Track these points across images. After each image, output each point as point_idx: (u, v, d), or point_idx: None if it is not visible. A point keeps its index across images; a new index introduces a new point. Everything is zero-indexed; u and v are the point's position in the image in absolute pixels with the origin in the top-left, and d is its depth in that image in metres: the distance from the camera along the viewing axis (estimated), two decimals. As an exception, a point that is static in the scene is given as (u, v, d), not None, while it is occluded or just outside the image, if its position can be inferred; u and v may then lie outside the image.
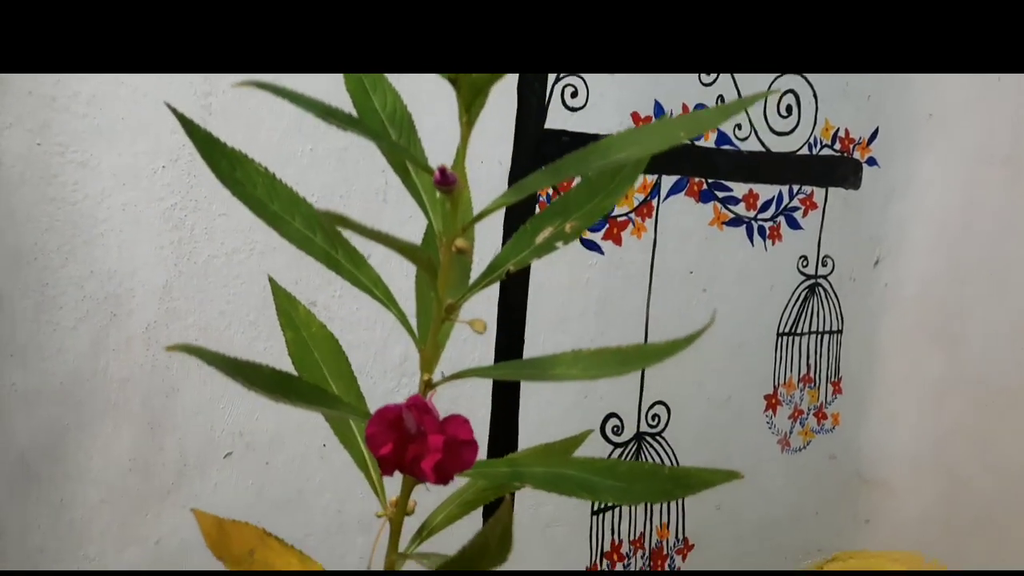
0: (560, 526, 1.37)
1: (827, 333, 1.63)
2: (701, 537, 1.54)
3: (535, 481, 0.56)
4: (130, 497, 1.04)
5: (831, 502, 1.71)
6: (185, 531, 1.08)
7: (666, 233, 1.39)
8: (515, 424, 1.30)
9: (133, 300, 1.01)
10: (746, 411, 1.56)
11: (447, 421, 0.51)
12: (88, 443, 1.00)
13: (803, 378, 1.62)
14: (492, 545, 0.44)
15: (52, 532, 1.00)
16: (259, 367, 0.48)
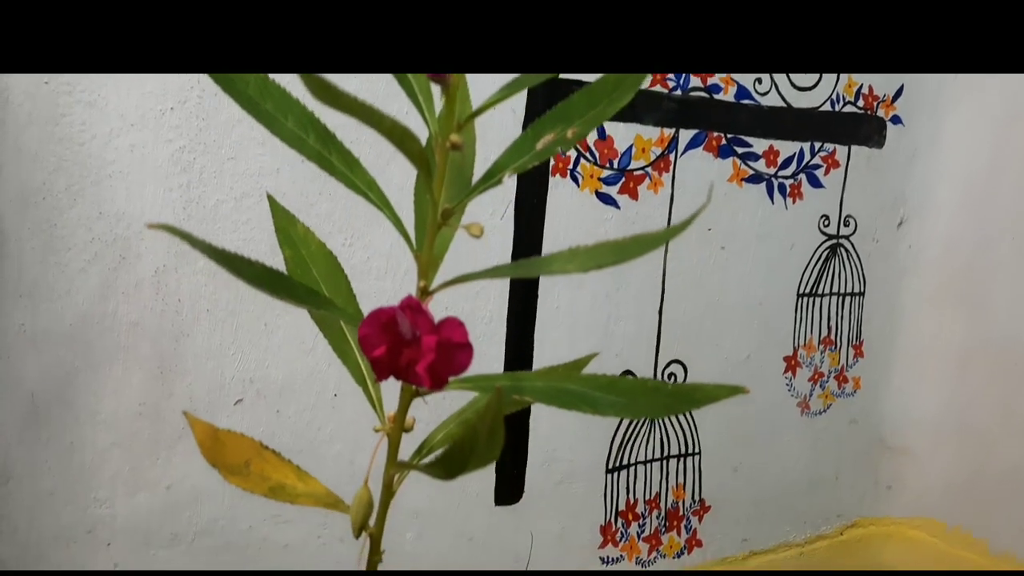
0: (574, 483, 1.36)
1: (849, 295, 1.60)
2: (718, 499, 1.52)
3: (535, 394, 0.55)
4: (140, 441, 1.04)
5: (852, 467, 1.69)
6: (196, 477, 1.07)
7: (683, 188, 1.37)
8: (529, 379, 1.29)
9: (142, 243, 1.00)
10: (765, 372, 1.53)
11: (442, 323, 0.50)
12: (98, 386, 1.00)
13: (824, 340, 1.59)
14: (482, 437, 0.43)
15: (62, 474, 1.00)
16: (250, 261, 0.47)
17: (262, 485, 0.57)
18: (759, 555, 1.59)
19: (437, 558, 1.26)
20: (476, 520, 1.28)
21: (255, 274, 0.46)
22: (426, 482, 1.26)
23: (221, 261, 0.46)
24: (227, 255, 0.46)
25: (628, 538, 1.44)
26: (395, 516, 1.23)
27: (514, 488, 1.32)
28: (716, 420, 1.48)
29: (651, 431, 1.42)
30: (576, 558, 1.39)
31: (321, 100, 0.42)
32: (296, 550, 1.15)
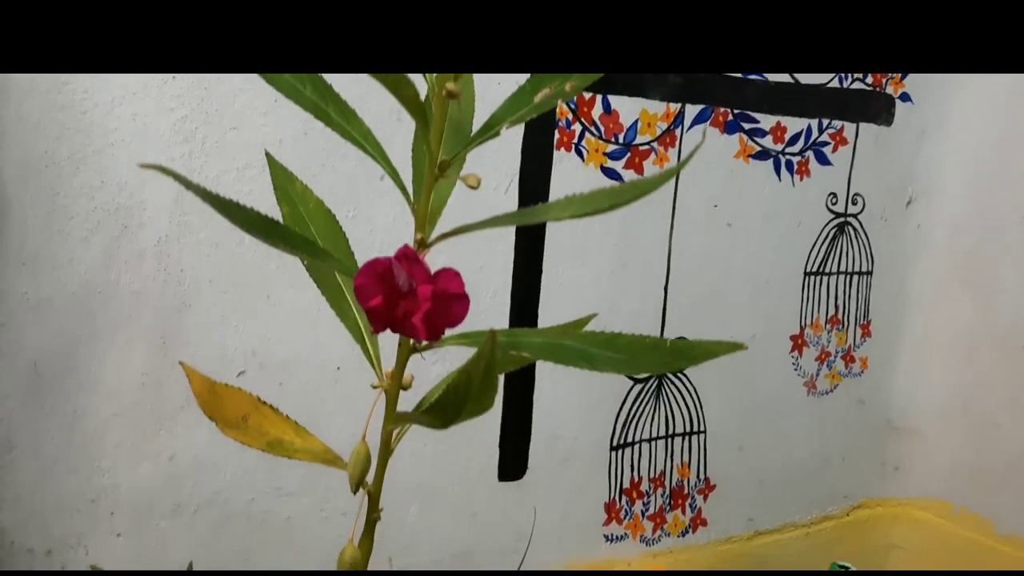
0: (578, 460, 1.36)
1: (856, 274, 1.59)
2: (723, 478, 1.52)
3: (532, 350, 0.54)
4: (143, 412, 1.04)
5: (858, 448, 1.68)
6: (198, 448, 1.07)
7: (690, 164, 1.36)
8: (533, 355, 1.29)
9: (144, 213, 1.00)
10: (771, 351, 1.53)
11: (438, 274, 0.49)
12: (101, 355, 1.00)
13: (831, 319, 1.58)
14: (476, 382, 0.43)
15: (66, 443, 1.00)
16: (246, 208, 0.47)
17: (260, 440, 0.57)
18: (764, 535, 1.59)
19: (439, 533, 1.26)
20: (479, 496, 1.28)
21: (250, 220, 0.46)
22: (429, 457, 1.27)
23: (216, 205, 0.45)
24: (222, 200, 0.46)
25: (632, 516, 1.43)
26: (398, 491, 1.23)
27: (518, 464, 1.31)
28: (722, 399, 1.48)
29: (656, 409, 1.42)
30: (580, 536, 1.38)
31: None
32: (298, 523, 1.15)
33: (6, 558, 0.99)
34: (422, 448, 1.23)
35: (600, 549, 1.41)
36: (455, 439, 1.25)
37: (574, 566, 1.39)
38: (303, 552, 1.16)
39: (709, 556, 1.52)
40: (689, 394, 1.45)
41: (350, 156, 1.10)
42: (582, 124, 1.26)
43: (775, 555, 1.58)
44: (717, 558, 1.53)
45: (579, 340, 0.55)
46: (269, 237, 0.46)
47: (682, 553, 1.49)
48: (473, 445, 1.26)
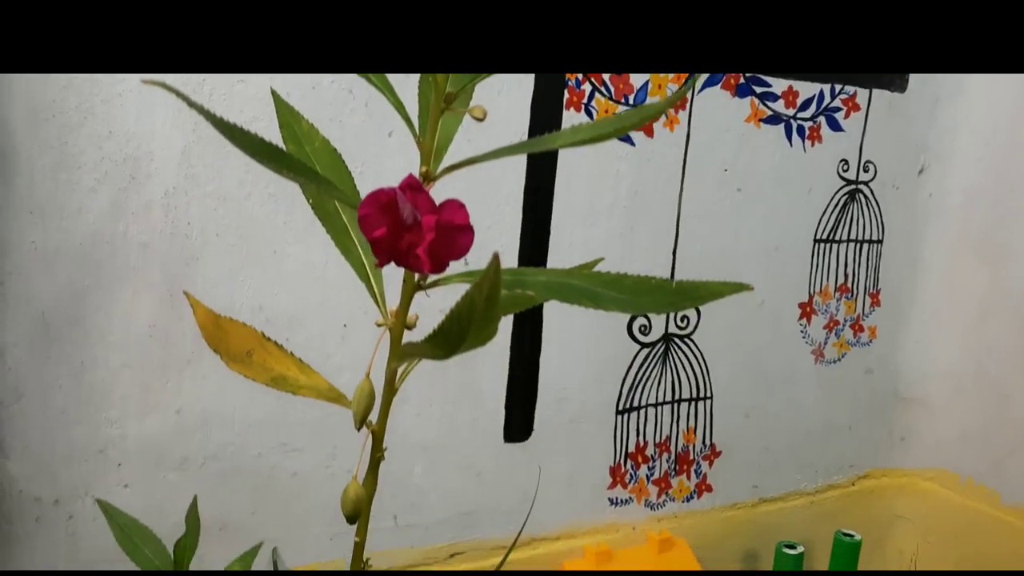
0: (584, 423, 1.36)
1: (867, 242, 1.58)
2: (729, 445, 1.52)
3: (538, 288, 0.54)
4: (151, 364, 1.04)
5: (866, 418, 1.67)
6: (206, 402, 1.08)
7: (700, 128, 1.35)
8: (539, 318, 1.29)
9: (152, 164, 1.00)
10: (779, 318, 1.52)
11: (442, 205, 0.49)
12: (108, 306, 1.00)
13: (840, 288, 1.57)
14: (479, 307, 0.42)
15: (74, 393, 1.01)
16: (250, 133, 0.46)
17: (264, 375, 0.57)
18: (769, 502, 1.59)
19: (445, 493, 1.26)
20: (485, 456, 1.28)
21: (254, 145, 0.46)
22: (435, 417, 1.27)
23: (220, 128, 0.45)
24: (226, 123, 0.45)
25: (637, 480, 1.43)
26: (404, 449, 1.23)
27: (524, 426, 1.31)
28: (729, 365, 1.48)
29: (662, 373, 1.41)
30: (585, 498, 1.39)
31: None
32: (304, 479, 1.16)
33: (14, 507, 1.00)
34: (428, 408, 1.23)
35: (605, 513, 1.41)
36: (462, 400, 1.25)
37: (579, 529, 1.39)
38: (309, 507, 1.16)
39: (714, 522, 1.52)
40: (696, 360, 1.44)
41: (358, 111, 1.09)
42: (592, 84, 1.25)
43: (780, 523, 1.58)
44: (722, 524, 1.53)
45: (584, 279, 0.54)
46: (274, 163, 0.46)
47: (686, 519, 1.50)
48: (479, 406, 1.26)
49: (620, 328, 1.36)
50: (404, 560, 1.25)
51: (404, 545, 1.25)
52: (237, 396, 1.10)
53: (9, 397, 0.97)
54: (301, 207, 1.09)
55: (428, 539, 1.26)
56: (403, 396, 1.21)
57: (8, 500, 0.99)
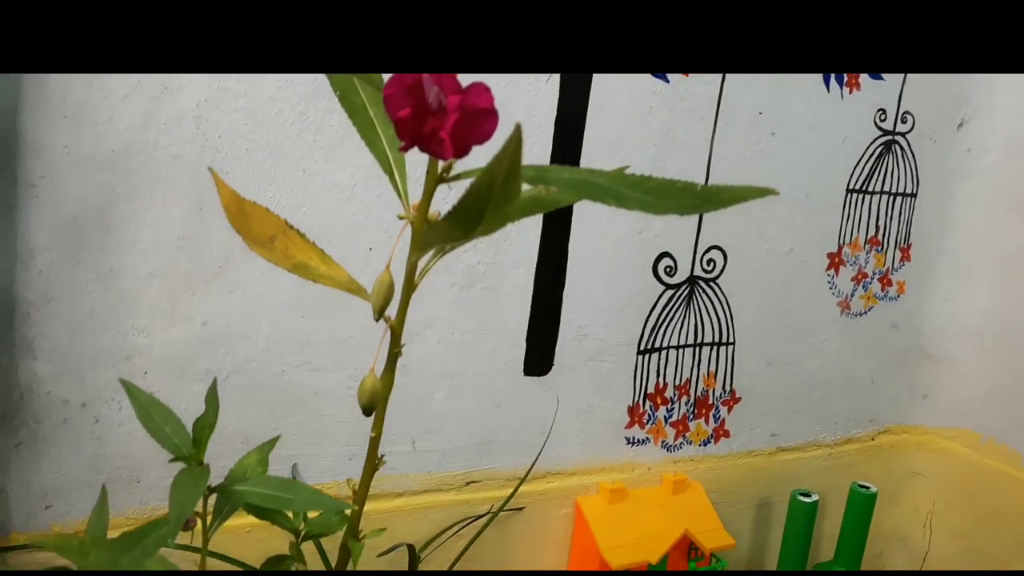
0: (605, 361, 1.36)
1: (900, 195, 1.56)
2: (749, 391, 1.51)
3: (561, 185, 0.54)
4: (178, 275, 1.05)
5: (888, 372, 1.66)
6: (231, 316, 1.09)
7: (736, 68, 1.33)
8: (564, 253, 1.28)
9: (183, 75, 1.00)
10: (807, 267, 1.51)
11: (468, 88, 0.49)
12: (138, 215, 1.02)
13: (870, 240, 1.56)
14: (498, 182, 0.42)
15: (102, 300, 1.02)
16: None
17: (286, 261, 0.57)
18: (787, 451, 1.59)
19: (462, 421, 1.27)
20: (504, 387, 1.29)
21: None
22: (457, 345, 1.27)
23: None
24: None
25: (655, 421, 1.44)
26: (424, 375, 1.24)
27: (544, 360, 1.32)
28: (753, 311, 1.47)
29: (686, 316, 1.41)
30: (602, 436, 1.40)
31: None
32: (325, 398, 1.17)
33: (42, 408, 1.02)
34: (450, 337, 1.24)
35: (621, 451, 1.42)
36: (483, 331, 1.26)
37: (594, 466, 1.40)
38: (329, 426, 1.18)
39: (730, 468, 1.53)
40: (720, 304, 1.44)
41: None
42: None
43: (796, 472, 1.59)
44: (738, 470, 1.53)
45: (608, 178, 0.54)
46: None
47: (703, 462, 1.50)
48: (500, 337, 1.27)
49: (645, 268, 1.36)
50: (420, 485, 1.27)
51: (421, 470, 1.27)
52: (262, 313, 1.11)
53: (39, 299, 0.99)
54: (330, 127, 1.09)
55: (444, 465, 1.28)
56: (425, 323, 1.22)
57: (36, 400, 1.01)
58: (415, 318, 1.20)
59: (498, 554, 1.34)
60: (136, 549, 0.53)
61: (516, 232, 1.25)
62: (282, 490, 0.57)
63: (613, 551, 1.32)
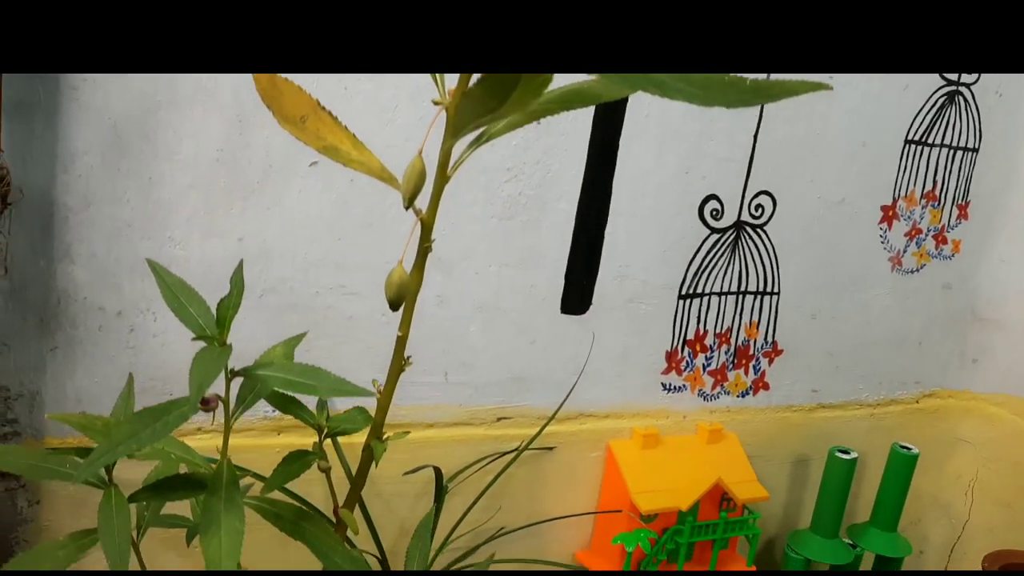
0: (644, 304, 1.34)
1: (961, 149, 1.50)
2: (792, 343, 1.48)
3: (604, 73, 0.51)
4: (216, 188, 1.05)
5: (938, 334, 1.62)
6: (268, 233, 1.08)
7: (796, 5, 1.28)
8: (608, 190, 1.25)
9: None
10: (859, 219, 1.46)
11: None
12: (178, 125, 1.01)
13: (927, 195, 1.50)
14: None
15: (140, 208, 1.02)
16: None
17: (317, 142, 0.56)
18: (827, 408, 1.55)
19: (496, 356, 1.26)
20: (540, 324, 1.27)
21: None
22: (494, 278, 1.25)
23: None
24: None
25: (693, 369, 1.41)
26: (460, 306, 1.23)
27: (582, 298, 1.30)
28: (800, 260, 1.43)
29: (730, 262, 1.38)
30: (637, 380, 1.37)
31: None
32: (359, 323, 1.16)
33: (79, 313, 1.03)
34: (488, 269, 1.22)
35: (656, 397, 1.40)
36: (522, 264, 1.23)
37: (628, 411, 1.38)
38: (361, 352, 1.17)
39: (767, 421, 1.50)
40: (767, 252, 1.40)
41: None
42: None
43: (836, 431, 1.55)
44: (775, 424, 1.50)
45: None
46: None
47: (740, 414, 1.47)
48: (539, 273, 1.25)
49: (691, 210, 1.32)
50: (451, 417, 1.26)
51: (452, 402, 1.26)
52: (299, 232, 1.10)
53: (78, 204, 0.99)
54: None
55: (477, 399, 1.27)
56: (463, 254, 1.21)
57: (73, 305, 1.02)
58: (453, 248, 1.19)
59: (527, 492, 1.33)
60: (157, 424, 0.53)
61: (559, 163, 1.22)
62: (305, 376, 0.56)
63: (643, 495, 1.30)
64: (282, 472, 0.63)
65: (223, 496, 0.55)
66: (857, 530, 1.52)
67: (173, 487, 0.61)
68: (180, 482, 0.62)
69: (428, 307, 1.20)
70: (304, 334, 0.67)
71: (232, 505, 0.55)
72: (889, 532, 1.49)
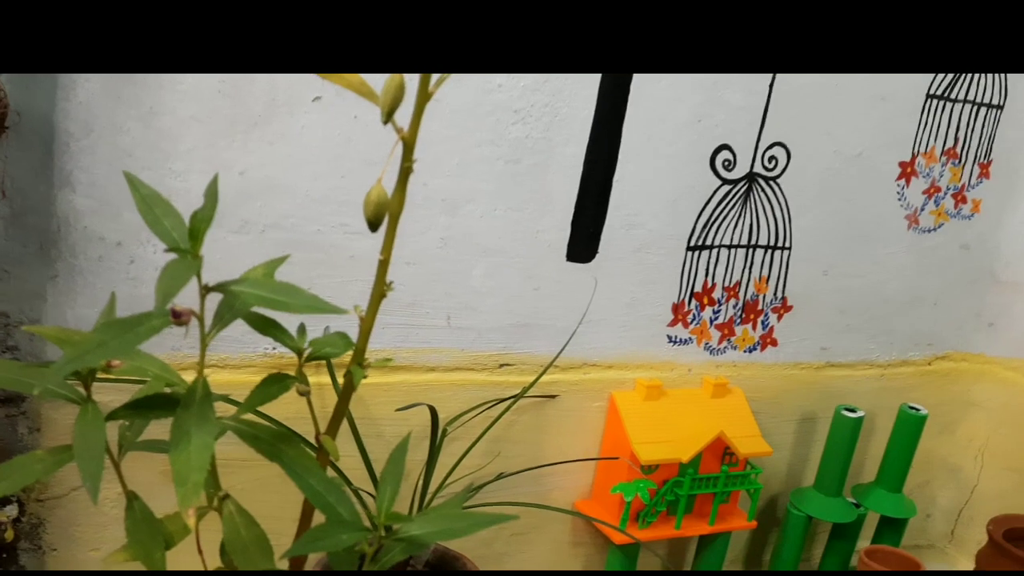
0: (651, 253, 1.32)
1: (985, 106, 1.46)
2: (802, 300, 1.46)
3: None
4: (219, 119, 1.04)
5: (954, 296, 1.59)
6: (270, 169, 1.08)
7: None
8: (618, 135, 1.23)
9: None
10: (876, 174, 1.43)
11: None
12: (180, 54, 1.00)
13: (947, 151, 1.47)
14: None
15: (141, 138, 1.01)
16: None
17: (293, 53, 0.54)
18: (836, 367, 1.54)
19: (500, 301, 1.25)
20: (545, 271, 1.26)
21: None
22: (500, 222, 1.24)
23: None
24: None
25: (700, 322, 1.40)
26: (464, 249, 1.22)
27: (589, 247, 1.28)
28: (814, 215, 1.40)
29: (741, 214, 1.35)
30: (643, 331, 1.36)
31: None
32: (360, 263, 1.16)
33: (78, 242, 1.03)
34: (493, 212, 1.21)
35: (662, 349, 1.39)
36: (529, 209, 1.22)
37: (633, 361, 1.37)
38: (363, 291, 1.16)
39: (774, 377, 1.48)
40: (779, 205, 1.38)
41: None
42: None
43: (844, 389, 1.53)
44: (782, 381, 1.49)
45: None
46: None
47: (746, 369, 1.46)
48: (546, 218, 1.24)
49: (703, 159, 1.30)
50: (453, 361, 1.25)
51: (455, 346, 1.25)
52: (302, 168, 1.09)
53: (79, 131, 0.99)
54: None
55: (479, 344, 1.26)
56: (469, 196, 1.19)
57: (73, 234, 1.02)
58: (458, 189, 1.17)
59: (530, 439, 1.33)
60: (128, 335, 0.52)
61: (568, 106, 1.20)
62: (280, 293, 0.56)
63: (644, 446, 1.30)
64: (260, 393, 0.63)
65: (195, 412, 0.55)
66: (861, 490, 1.51)
67: (151, 405, 0.61)
68: (159, 401, 0.62)
69: (431, 248, 1.19)
70: (286, 256, 0.67)
71: (204, 420, 0.54)
72: (894, 493, 1.48)
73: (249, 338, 1.14)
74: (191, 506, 0.52)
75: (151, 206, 0.56)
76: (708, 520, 1.37)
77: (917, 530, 1.70)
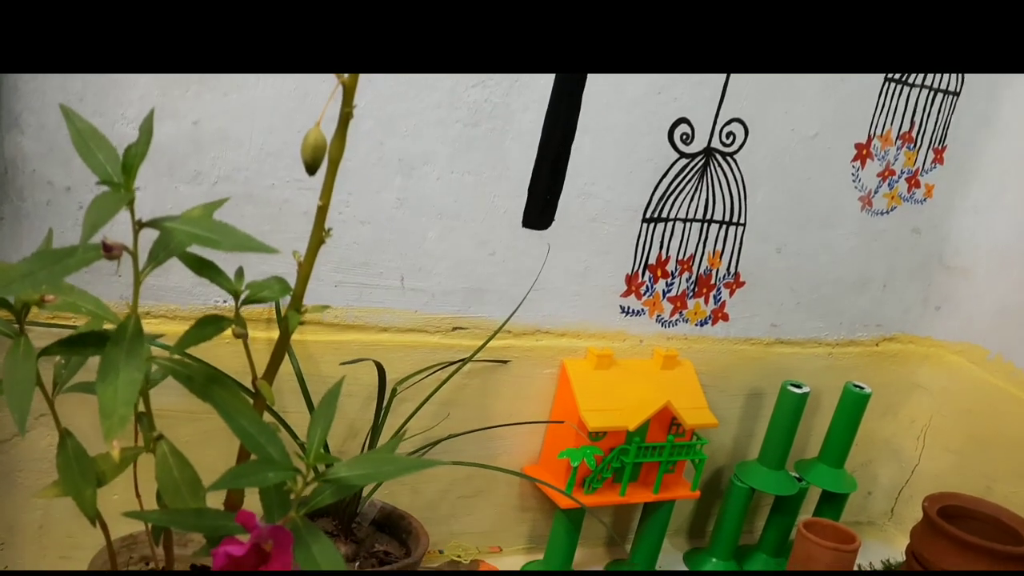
0: (607, 224, 1.33)
1: (942, 91, 1.49)
2: (754, 276, 1.48)
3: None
4: (172, 68, 1.03)
5: (903, 279, 1.62)
6: (224, 119, 1.07)
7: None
8: (578, 103, 1.24)
9: None
10: (831, 155, 1.45)
11: None
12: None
13: (903, 135, 1.49)
14: None
15: (93, 83, 1.00)
16: None
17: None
18: (785, 344, 1.56)
19: (455, 264, 1.26)
20: (500, 236, 1.27)
21: None
22: (455, 185, 1.24)
23: None
24: None
25: (653, 293, 1.41)
26: (419, 211, 1.22)
27: (545, 213, 1.29)
28: (769, 193, 1.42)
29: (698, 189, 1.37)
30: (596, 301, 1.37)
31: None
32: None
33: (26, 185, 1.02)
34: (449, 175, 1.21)
35: (614, 319, 1.40)
36: (485, 173, 1.22)
37: (585, 331, 1.38)
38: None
39: (723, 352, 1.50)
40: (735, 181, 1.39)
41: None
42: None
43: (792, 367, 1.56)
44: (731, 356, 1.51)
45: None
46: None
47: (697, 343, 1.48)
48: (502, 184, 1.24)
49: (660, 132, 1.31)
50: (406, 323, 1.26)
51: (408, 308, 1.26)
52: (257, 121, 1.09)
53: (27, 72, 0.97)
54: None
55: (433, 307, 1.27)
56: (424, 158, 1.19)
57: (20, 177, 1.01)
58: (414, 149, 1.17)
59: (479, 404, 1.34)
60: (56, 266, 0.52)
61: (529, 78, 1.20)
62: (212, 230, 0.56)
63: (592, 413, 1.31)
64: (195, 333, 0.63)
65: (125, 347, 0.55)
66: (804, 465, 1.54)
67: (86, 342, 0.61)
68: (93, 338, 0.62)
69: (387, 208, 1.19)
70: (226, 199, 0.66)
71: (133, 356, 0.55)
72: (836, 468, 1.51)
73: (200, 290, 1.14)
74: (115, 437, 0.52)
75: (85, 139, 0.56)
76: (653, 488, 1.39)
77: (858, 507, 1.74)
